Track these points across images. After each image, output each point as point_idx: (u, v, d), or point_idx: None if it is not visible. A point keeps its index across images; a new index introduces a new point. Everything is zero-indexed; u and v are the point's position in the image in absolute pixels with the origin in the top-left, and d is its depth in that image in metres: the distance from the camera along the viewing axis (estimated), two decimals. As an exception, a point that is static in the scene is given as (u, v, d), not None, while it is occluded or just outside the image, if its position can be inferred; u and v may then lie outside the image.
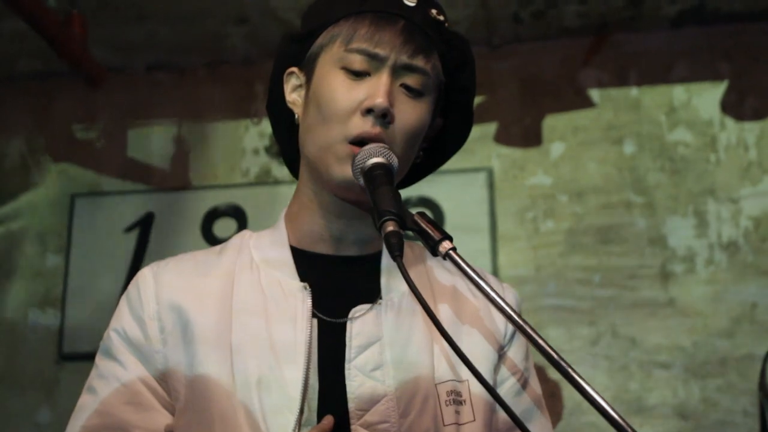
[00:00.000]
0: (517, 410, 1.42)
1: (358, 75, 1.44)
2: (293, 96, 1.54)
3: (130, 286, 1.51)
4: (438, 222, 1.36)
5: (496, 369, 1.51)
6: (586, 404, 1.17)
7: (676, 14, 3.72)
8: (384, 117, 1.42)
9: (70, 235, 3.91)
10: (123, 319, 1.50)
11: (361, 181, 1.37)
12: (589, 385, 1.19)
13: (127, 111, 4.07)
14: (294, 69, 1.55)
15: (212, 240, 3.80)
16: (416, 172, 1.59)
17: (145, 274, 1.51)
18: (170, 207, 3.90)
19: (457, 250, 1.31)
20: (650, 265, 3.60)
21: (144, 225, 3.87)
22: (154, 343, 1.45)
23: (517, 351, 1.55)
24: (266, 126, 3.93)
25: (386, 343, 1.42)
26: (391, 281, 1.48)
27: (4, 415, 3.77)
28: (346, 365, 1.40)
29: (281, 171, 3.87)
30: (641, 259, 3.61)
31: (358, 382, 1.39)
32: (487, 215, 3.70)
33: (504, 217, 3.72)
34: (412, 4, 1.48)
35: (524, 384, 1.54)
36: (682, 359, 3.49)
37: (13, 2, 2.96)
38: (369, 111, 1.41)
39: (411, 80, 1.45)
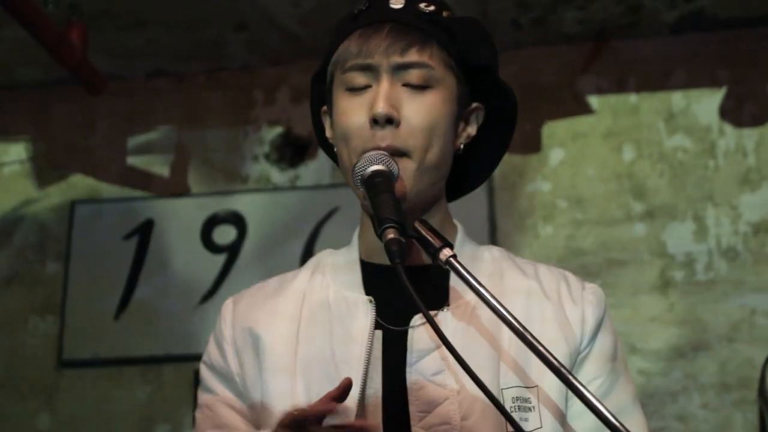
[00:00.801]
0: (590, 418, 1.36)
1: (359, 91, 1.46)
2: (331, 132, 1.56)
3: (218, 318, 1.58)
4: (432, 226, 1.36)
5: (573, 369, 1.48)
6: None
7: (675, 21, 3.73)
8: (390, 122, 1.42)
9: (69, 242, 3.91)
10: (209, 349, 1.57)
11: (362, 189, 1.38)
12: (586, 388, 1.19)
13: (126, 118, 4.07)
14: (324, 108, 1.58)
15: (212, 247, 3.80)
16: (475, 167, 1.62)
17: (227, 304, 1.58)
18: (170, 214, 3.90)
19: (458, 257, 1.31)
20: (649, 271, 3.60)
21: (143, 232, 3.87)
22: (232, 367, 1.51)
23: (599, 354, 1.53)
24: (265, 133, 3.94)
25: (446, 353, 1.42)
26: (461, 288, 1.48)
27: (4, 421, 3.77)
28: (408, 369, 1.42)
29: (280, 177, 3.87)
30: (640, 264, 3.61)
31: (418, 385, 1.41)
32: (487, 221, 3.70)
33: (503, 223, 3.72)
34: (399, 6, 1.50)
35: (610, 386, 1.54)
36: (682, 365, 3.49)
37: (12, 10, 2.96)
38: (375, 122, 1.42)
39: (411, 77, 1.46)
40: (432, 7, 1.52)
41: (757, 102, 3.72)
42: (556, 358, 1.23)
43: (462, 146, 1.55)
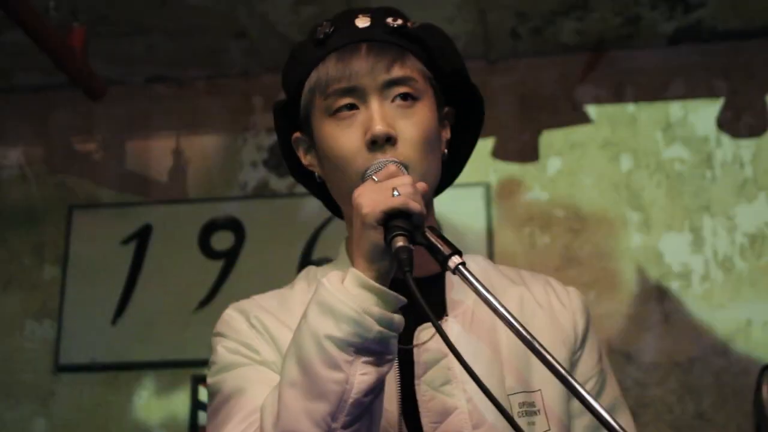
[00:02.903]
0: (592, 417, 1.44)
1: (348, 114, 1.45)
2: (308, 159, 1.56)
3: (218, 326, 1.55)
4: (442, 233, 1.37)
5: (572, 371, 1.52)
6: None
7: (673, 32, 3.74)
8: (388, 141, 1.42)
9: (67, 247, 3.91)
10: (225, 341, 1.51)
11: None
12: (590, 395, 1.19)
13: (125, 123, 4.08)
14: (297, 134, 1.57)
15: (210, 253, 3.80)
16: (451, 165, 1.62)
17: (228, 312, 1.55)
18: (168, 219, 3.91)
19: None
20: (646, 281, 3.60)
21: (141, 237, 3.87)
22: (260, 345, 1.48)
23: (589, 355, 1.56)
24: (264, 139, 3.94)
25: (453, 358, 1.43)
26: (456, 298, 1.50)
27: (0, 426, 3.77)
28: (416, 381, 1.43)
29: (279, 184, 3.88)
30: (637, 274, 3.62)
31: (428, 396, 1.42)
32: (484, 230, 3.71)
33: (501, 232, 3.72)
34: (367, 25, 1.50)
35: (602, 385, 1.56)
36: (678, 375, 3.50)
37: (13, 15, 2.96)
38: (373, 143, 1.42)
39: (400, 92, 1.46)
40: (399, 21, 1.51)
41: (754, 113, 3.73)
42: (562, 365, 1.23)
43: (446, 151, 1.57)
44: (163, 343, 3.69)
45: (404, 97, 1.46)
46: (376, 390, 1.29)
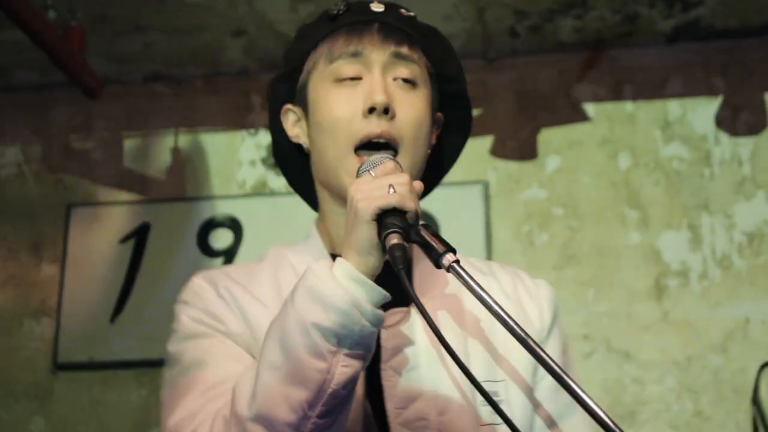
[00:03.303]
0: (557, 406, 1.49)
1: (349, 81, 1.46)
2: (295, 130, 1.56)
3: (184, 294, 1.54)
4: (436, 230, 1.36)
5: (535, 366, 1.52)
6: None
7: (671, 30, 3.74)
8: (386, 112, 1.43)
9: (65, 245, 3.91)
10: (190, 310, 1.51)
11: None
12: (587, 394, 1.20)
13: (123, 121, 4.08)
14: (288, 106, 1.57)
15: (208, 251, 3.80)
16: (431, 176, 1.62)
17: (196, 281, 1.54)
18: (166, 218, 3.90)
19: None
20: (644, 279, 3.61)
21: (140, 235, 3.87)
22: (227, 316, 1.47)
23: (553, 347, 1.56)
24: (263, 137, 3.94)
25: (420, 345, 1.44)
26: (425, 285, 1.51)
27: (-2, 424, 3.77)
28: (382, 366, 1.43)
29: (277, 182, 3.87)
30: (635, 272, 3.62)
31: (393, 381, 1.42)
32: (483, 228, 3.71)
33: (499, 230, 3.73)
34: (381, 10, 1.51)
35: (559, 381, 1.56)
36: (676, 373, 3.50)
37: (11, 13, 2.96)
38: (371, 110, 1.43)
39: (402, 71, 1.48)
40: (412, 13, 1.54)
41: (752, 111, 3.73)
42: (549, 355, 1.24)
43: (429, 151, 1.57)
44: (161, 342, 3.67)
45: (405, 80, 1.48)
46: (353, 383, 1.29)
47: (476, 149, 3.79)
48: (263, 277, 1.53)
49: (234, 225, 3.84)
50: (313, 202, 1.66)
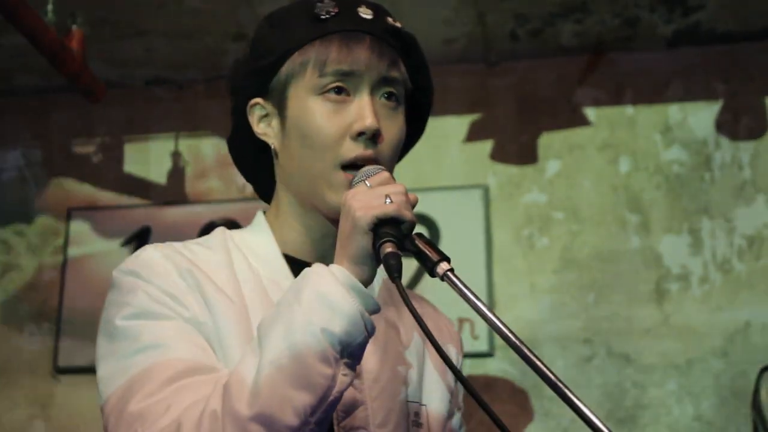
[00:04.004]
0: None
1: (338, 98, 1.45)
2: (261, 127, 1.53)
3: (136, 265, 1.44)
4: (433, 239, 1.36)
5: (453, 395, 1.58)
6: (579, 422, 1.17)
7: (672, 34, 3.74)
8: (374, 137, 1.43)
9: (66, 249, 3.91)
10: (147, 286, 1.40)
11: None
12: (582, 403, 1.19)
13: (124, 125, 4.08)
14: (258, 100, 1.53)
15: (208, 255, 3.80)
16: None
17: (150, 254, 1.45)
18: (167, 221, 3.91)
19: (455, 271, 1.30)
20: (645, 283, 3.61)
21: (140, 239, 3.88)
22: (191, 302, 1.40)
23: (460, 390, 1.62)
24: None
25: (365, 355, 1.43)
26: (380, 301, 1.50)
27: (-1, 428, 3.77)
28: None
29: (278, 186, 3.87)
30: (636, 276, 3.62)
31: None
32: (483, 232, 3.71)
33: (499, 234, 3.73)
34: (370, 17, 1.49)
35: (462, 421, 1.63)
36: (676, 377, 3.50)
37: (13, 18, 2.97)
38: (360, 134, 1.43)
39: (388, 94, 1.47)
40: (398, 24, 1.52)
41: (753, 115, 3.73)
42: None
43: None
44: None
45: (389, 97, 1.47)
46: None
47: (477, 153, 3.79)
48: (217, 264, 1.48)
49: (234, 228, 3.83)
50: (264, 192, 1.64)
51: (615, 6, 3.56)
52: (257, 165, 1.59)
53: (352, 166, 1.43)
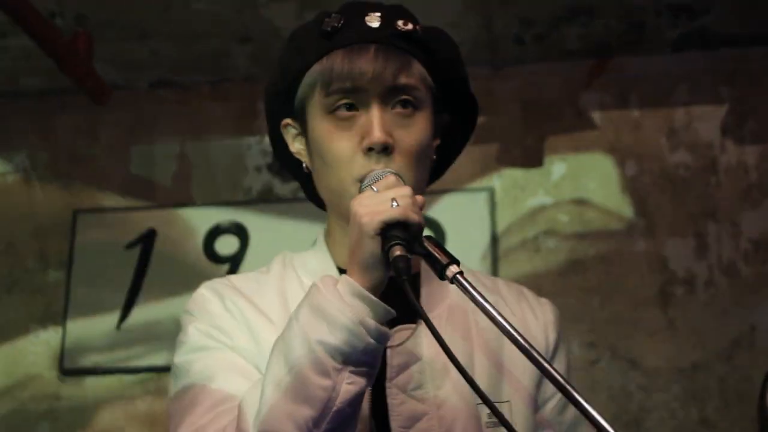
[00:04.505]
0: (563, 425, 1.50)
1: (348, 115, 1.44)
2: (296, 146, 1.56)
3: (191, 305, 1.53)
4: (440, 242, 1.36)
5: (538, 385, 1.52)
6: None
7: (678, 38, 3.74)
8: (385, 149, 1.42)
9: (71, 251, 3.91)
10: (197, 322, 1.49)
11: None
12: (590, 405, 1.19)
13: (130, 128, 4.08)
14: (288, 120, 1.56)
15: (214, 257, 3.80)
16: (436, 168, 1.61)
17: (202, 292, 1.54)
18: (172, 224, 3.91)
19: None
20: (650, 287, 3.60)
21: (146, 241, 3.88)
22: (233, 330, 1.47)
23: (559, 366, 1.52)
24: (268, 144, 3.94)
25: (426, 362, 1.43)
26: (432, 301, 1.50)
27: (5, 430, 3.77)
28: (387, 384, 1.42)
29: (283, 188, 3.88)
30: (641, 280, 3.61)
31: (399, 400, 1.42)
32: (489, 235, 3.71)
33: (505, 236, 3.73)
34: (377, 25, 1.47)
35: (566, 402, 1.55)
36: (681, 381, 3.49)
37: (19, 20, 2.98)
38: (370, 149, 1.42)
39: (401, 102, 1.46)
40: (409, 26, 1.49)
41: (758, 119, 3.73)
42: (555, 368, 1.21)
43: (434, 157, 1.57)
44: (167, 348, 3.68)
45: (405, 104, 1.46)
46: (358, 401, 1.29)
47: (482, 156, 3.79)
48: (269, 290, 1.52)
49: (240, 231, 3.85)
50: (319, 205, 1.66)
51: (620, 10, 3.56)
52: (308, 183, 1.60)
53: None
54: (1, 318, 3.91)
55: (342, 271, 1.49)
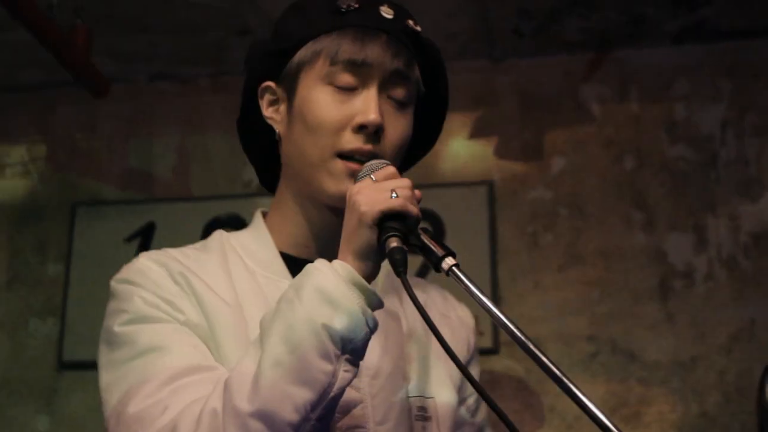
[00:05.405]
0: (474, 427, 1.58)
1: (346, 89, 1.46)
2: (270, 112, 1.56)
3: (130, 274, 1.47)
4: (438, 235, 1.36)
5: (460, 386, 1.58)
6: (585, 418, 1.17)
7: (677, 31, 3.73)
8: (376, 133, 1.43)
9: (70, 244, 3.92)
10: (142, 292, 1.44)
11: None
12: (588, 398, 1.19)
13: (129, 121, 4.08)
14: (270, 83, 1.56)
15: (213, 250, 3.80)
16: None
17: (144, 262, 1.48)
18: (171, 217, 3.91)
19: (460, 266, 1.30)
20: (649, 280, 3.60)
21: (145, 234, 3.88)
22: (185, 305, 1.43)
23: (474, 370, 1.63)
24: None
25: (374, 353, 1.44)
26: (384, 296, 1.50)
27: (4, 423, 3.77)
28: None
29: (282, 182, 3.87)
30: (640, 273, 3.61)
31: None
32: (488, 228, 3.71)
33: (504, 230, 3.72)
34: (390, 17, 1.50)
35: (479, 404, 1.63)
36: (681, 374, 3.49)
37: (18, 13, 2.97)
38: (362, 127, 1.43)
39: (397, 92, 1.48)
40: (418, 27, 1.52)
41: (758, 112, 3.73)
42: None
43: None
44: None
45: (399, 95, 1.48)
46: (344, 390, 1.29)
47: (481, 150, 3.79)
48: (213, 268, 1.50)
49: (239, 224, 3.81)
50: (268, 181, 1.65)
51: (620, 2, 3.55)
52: (264, 151, 1.60)
53: (350, 157, 1.43)
54: (1, 311, 3.92)
55: (286, 256, 1.51)
